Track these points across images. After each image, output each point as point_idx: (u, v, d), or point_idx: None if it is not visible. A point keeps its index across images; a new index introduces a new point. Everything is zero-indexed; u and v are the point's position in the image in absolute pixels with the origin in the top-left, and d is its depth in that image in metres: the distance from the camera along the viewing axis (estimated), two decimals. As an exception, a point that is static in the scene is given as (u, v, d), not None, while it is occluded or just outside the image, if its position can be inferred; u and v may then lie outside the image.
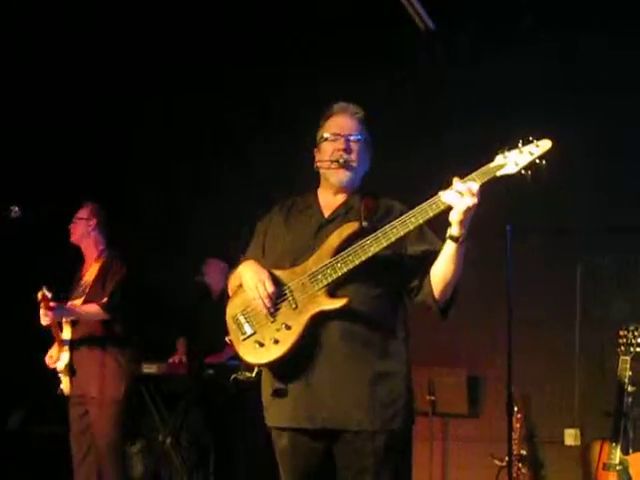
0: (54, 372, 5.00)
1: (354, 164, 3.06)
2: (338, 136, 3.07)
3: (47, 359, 5.00)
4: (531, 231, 5.42)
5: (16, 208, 4.32)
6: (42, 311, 4.71)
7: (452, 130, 6.00)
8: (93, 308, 4.86)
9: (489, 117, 5.79)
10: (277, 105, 6.79)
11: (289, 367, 2.87)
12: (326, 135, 3.10)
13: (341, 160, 3.03)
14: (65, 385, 4.90)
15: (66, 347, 4.90)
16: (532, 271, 5.61)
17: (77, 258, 5.25)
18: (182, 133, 7.09)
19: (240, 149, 6.84)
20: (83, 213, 5.18)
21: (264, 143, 6.68)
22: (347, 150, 3.05)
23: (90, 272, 5.07)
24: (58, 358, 4.92)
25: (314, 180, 3.19)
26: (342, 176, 3.05)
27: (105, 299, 4.87)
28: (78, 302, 4.92)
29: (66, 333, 4.90)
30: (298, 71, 6.52)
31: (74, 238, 5.17)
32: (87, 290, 4.96)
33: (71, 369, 4.87)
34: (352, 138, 3.07)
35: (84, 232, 5.14)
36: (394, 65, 6.19)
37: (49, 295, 4.72)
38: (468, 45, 6.02)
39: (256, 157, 6.66)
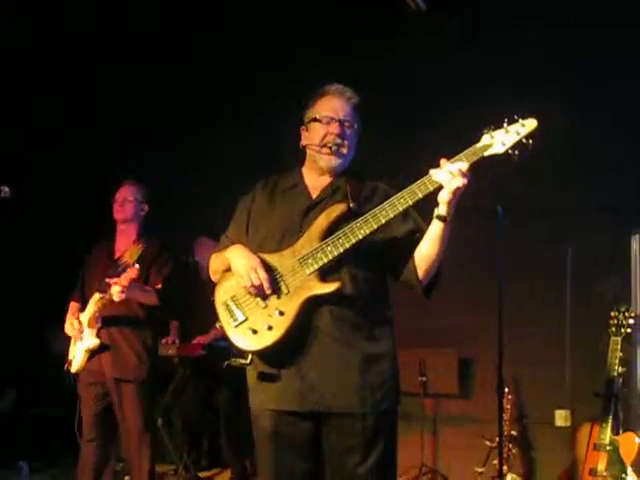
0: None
1: (344, 151, 3.04)
2: (332, 120, 3.04)
3: (70, 330, 4.88)
4: (521, 212, 5.41)
5: (6, 188, 4.28)
6: (118, 288, 4.50)
7: (442, 113, 5.99)
8: (150, 291, 4.80)
9: (480, 99, 5.79)
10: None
11: (278, 351, 2.86)
12: (319, 116, 3.07)
13: (334, 147, 3.01)
14: (81, 363, 4.77)
15: (98, 325, 4.78)
16: (523, 253, 5.62)
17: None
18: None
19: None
20: (137, 194, 5.04)
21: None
22: (341, 135, 3.03)
23: (130, 254, 4.92)
24: (81, 332, 4.81)
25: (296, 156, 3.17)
26: (332, 162, 3.04)
27: (159, 285, 4.83)
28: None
29: (98, 308, 4.74)
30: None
31: (122, 217, 5.01)
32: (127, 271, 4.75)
33: (101, 348, 4.74)
34: (346, 124, 3.05)
35: (136, 214, 5.03)
36: (385, 46, 6.18)
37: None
38: (459, 27, 6.02)
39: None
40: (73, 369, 4.84)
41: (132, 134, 7.30)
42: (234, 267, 2.93)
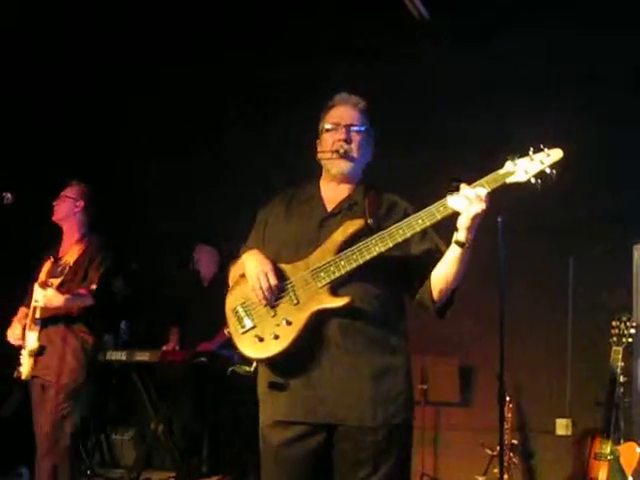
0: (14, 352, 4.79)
1: (354, 154, 3.03)
2: (338, 126, 3.05)
3: (11, 336, 4.79)
4: (522, 222, 5.42)
5: (8, 195, 4.28)
6: (55, 296, 4.52)
7: (445, 120, 6.00)
8: (83, 295, 4.69)
9: (482, 105, 5.81)
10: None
11: (288, 362, 2.84)
12: (327, 126, 3.08)
13: (341, 150, 3.00)
14: (27, 368, 4.66)
15: (37, 327, 4.67)
16: (524, 262, 5.61)
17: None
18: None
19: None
20: (71, 192, 5.00)
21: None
22: (347, 140, 3.02)
23: (70, 254, 4.86)
24: (23, 337, 4.72)
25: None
26: (343, 166, 3.02)
27: (94, 286, 4.73)
28: (55, 282, 4.69)
29: (37, 312, 4.66)
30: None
31: (57, 217, 4.97)
32: (66, 272, 4.76)
33: (40, 350, 4.64)
34: (353, 129, 3.05)
35: (69, 212, 4.96)
36: (391, 53, 6.19)
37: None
38: (463, 33, 6.02)
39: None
40: (23, 376, 4.72)
41: (135, 135, 7.30)
42: (247, 269, 2.93)
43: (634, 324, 4.81)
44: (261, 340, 2.83)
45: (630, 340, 4.76)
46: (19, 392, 6.91)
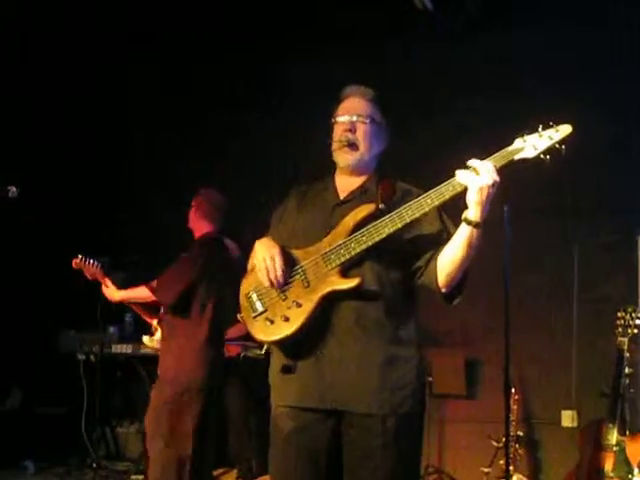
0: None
1: (359, 144, 3.02)
2: (344, 117, 3.06)
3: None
4: (528, 212, 5.41)
5: (13, 188, 4.29)
6: None
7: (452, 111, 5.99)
8: None
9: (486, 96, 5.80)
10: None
11: (300, 346, 2.85)
12: (335, 119, 3.09)
13: (344, 140, 3.01)
14: None
15: None
16: (529, 252, 5.61)
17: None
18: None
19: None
20: None
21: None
22: (351, 130, 3.02)
23: None
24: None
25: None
26: (347, 156, 3.02)
27: None
28: None
29: None
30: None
31: None
32: None
33: None
34: (358, 119, 3.04)
35: None
36: (393, 44, 6.18)
37: None
38: (466, 24, 6.01)
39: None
40: None
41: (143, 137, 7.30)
42: (256, 254, 2.95)
43: (639, 315, 4.80)
44: (272, 323, 2.85)
45: (635, 331, 4.74)
46: (20, 387, 6.97)
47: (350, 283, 2.78)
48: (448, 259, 2.81)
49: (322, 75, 5.92)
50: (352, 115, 3.05)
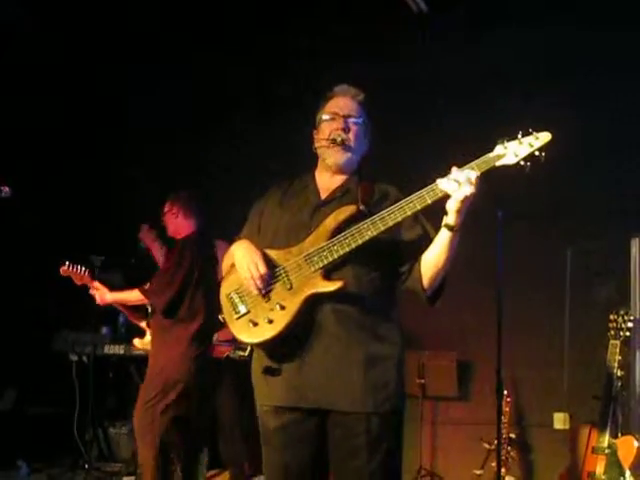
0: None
1: (351, 144, 3.06)
2: (337, 116, 3.08)
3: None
4: (521, 216, 5.42)
5: (6, 188, 4.28)
6: None
7: (446, 114, 5.99)
8: None
9: (480, 100, 5.80)
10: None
11: (282, 347, 2.87)
12: (325, 116, 3.11)
13: (339, 139, 3.03)
14: None
15: None
16: (522, 256, 5.61)
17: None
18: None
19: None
20: None
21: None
22: (345, 130, 3.05)
23: None
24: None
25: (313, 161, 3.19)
26: (339, 156, 3.05)
27: None
28: None
29: None
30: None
31: None
32: None
33: None
34: (351, 120, 3.08)
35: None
36: (389, 49, 6.18)
37: None
38: (461, 28, 6.02)
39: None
40: None
41: (140, 133, 7.29)
42: (236, 260, 2.97)
43: (632, 317, 4.81)
44: (255, 325, 2.87)
45: (628, 334, 4.76)
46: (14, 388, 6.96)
47: (333, 286, 2.81)
48: (431, 263, 2.87)
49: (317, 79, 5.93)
50: (345, 114, 3.08)
